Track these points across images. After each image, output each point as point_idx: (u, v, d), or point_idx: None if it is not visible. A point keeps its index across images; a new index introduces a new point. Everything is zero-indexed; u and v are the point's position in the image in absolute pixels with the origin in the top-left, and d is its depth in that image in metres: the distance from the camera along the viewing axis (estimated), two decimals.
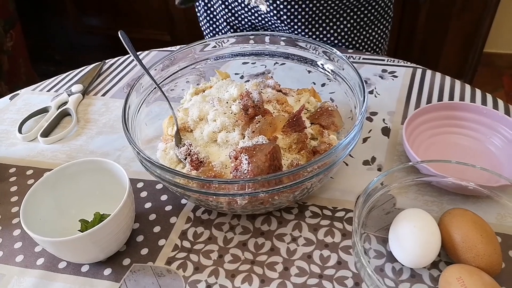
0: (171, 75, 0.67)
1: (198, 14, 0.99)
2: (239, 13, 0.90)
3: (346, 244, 0.52)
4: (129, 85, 0.81)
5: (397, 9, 0.98)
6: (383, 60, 0.81)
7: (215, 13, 0.95)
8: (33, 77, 1.95)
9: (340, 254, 0.51)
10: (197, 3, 0.97)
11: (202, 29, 1.01)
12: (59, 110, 0.77)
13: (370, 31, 0.90)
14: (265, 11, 0.83)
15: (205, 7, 0.95)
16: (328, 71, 0.64)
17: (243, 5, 0.86)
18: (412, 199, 0.53)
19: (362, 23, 0.87)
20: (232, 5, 0.89)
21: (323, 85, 0.67)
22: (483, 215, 0.47)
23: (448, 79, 0.75)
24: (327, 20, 0.85)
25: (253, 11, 0.88)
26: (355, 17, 0.86)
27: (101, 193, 0.56)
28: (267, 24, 0.90)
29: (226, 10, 0.91)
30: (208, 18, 0.97)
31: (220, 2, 0.91)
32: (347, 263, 0.50)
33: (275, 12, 0.84)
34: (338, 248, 0.51)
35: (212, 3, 0.94)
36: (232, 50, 0.69)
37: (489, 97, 0.70)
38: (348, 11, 0.84)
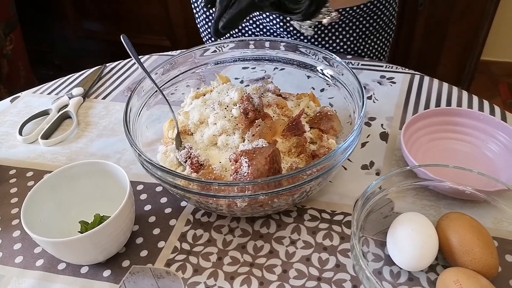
0: (171, 79, 0.68)
1: (197, 21, 0.99)
2: (243, 25, 0.90)
3: (344, 247, 0.52)
4: (130, 89, 0.81)
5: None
6: (382, 66, 0.82)
7: None
8: (32, 81, 1.95)
9: (339, 257, 0.51)
10: (197, 15, 0.97)
11: (202, 35, 1.01)
12: (60, 112, 0.77)
13: (375, 39, 0.90)
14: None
15: (204, 15, 0.95)
16: (327, 76, 0.65)
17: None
18: (410, 203, 0.53)
19: (367, 32, 0.88)
20: None
21: (322, 90, 0.68)
22: (480, 220, 0.48)
23: (445, 85, 0.76)
24: (333, 30, 0.85)
25: (258, 23, 0.88)
26: (360, 26, 0.86)
27: (101, 195, 0.56)
28: (268, 33, 0.90)
29: None
30: (207, 26, 0.96)
31: None
32: (346, 266, 0.50)
33: (281, 24, 0.84)
34: (337, 251, 0.52)
35: (211, 11, 0.94)
36: (232, 55, 0.70)
37: (486, 104, 0.71)
38: (354, 20, 0.85)
